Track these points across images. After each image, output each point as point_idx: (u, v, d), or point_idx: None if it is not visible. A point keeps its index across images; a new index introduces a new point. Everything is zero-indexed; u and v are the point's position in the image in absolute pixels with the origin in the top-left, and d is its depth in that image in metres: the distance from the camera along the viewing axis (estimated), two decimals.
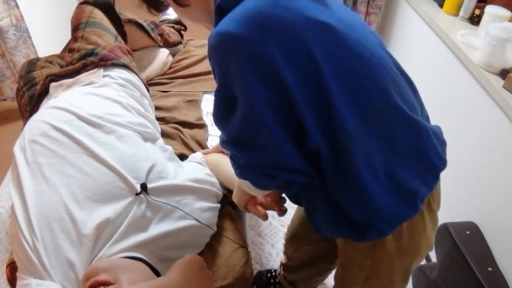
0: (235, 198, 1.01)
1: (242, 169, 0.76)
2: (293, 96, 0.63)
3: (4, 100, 2.33)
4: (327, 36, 0.64)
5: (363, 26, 0.73)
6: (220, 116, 0.71)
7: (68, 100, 1.11)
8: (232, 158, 0.77)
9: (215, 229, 1.08)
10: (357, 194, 0.72)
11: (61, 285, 0.81)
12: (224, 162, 1.18)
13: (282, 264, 1.48)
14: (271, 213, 1.87)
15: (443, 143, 0.82)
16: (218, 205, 1.12)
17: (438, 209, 0.85)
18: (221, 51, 0.63)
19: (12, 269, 1.00)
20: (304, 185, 0.76)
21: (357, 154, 0.68)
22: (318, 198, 0.78)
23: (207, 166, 1.18)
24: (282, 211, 1.02)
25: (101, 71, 1.28)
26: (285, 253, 1.40)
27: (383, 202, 0.72)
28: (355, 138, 0.67)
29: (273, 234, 1.81)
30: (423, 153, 0.76)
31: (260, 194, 0.93)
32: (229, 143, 0.73)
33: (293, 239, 1.28)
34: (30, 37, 2.21)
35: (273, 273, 1.58)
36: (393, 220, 0.76)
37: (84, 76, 1.27)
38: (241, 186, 0.92)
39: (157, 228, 0.94)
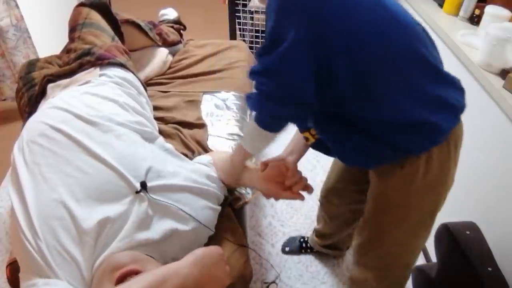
0: (225, 176, 1.12)
1: (261, 95, 0.88)
2: (331, 39, 0.78)
3: (4, 100, 2.33)
4: None
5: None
6: (265, 49, 0.84)
7: (65, 100, 1.11)
8: (254, 87, 0.89)
9: (214, 230, 1.08)
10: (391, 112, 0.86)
11: (67, 281, 0.81)
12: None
13: (315, 230, 1.63)
14: (271, 213, 1.89)
15: (461, 90, 0.95)
16: (219, 207, 1.12)
17: (459, 152, 0.97)
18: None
19: (13, 270, 1.00)
20: (330, 124, 0.92)
21: (384, 95, 0.84)
22: (346, 132, 0.92)
23: (214, 167, 1.17)
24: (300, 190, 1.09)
25: (97, 70, 1.28)
26: (318, 219, 1.57)
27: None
28: (381, 79, 0.82)
29: (273, 234, 1.81)
30: (444, 96, 0.88)
31: (259, 145, 1.02)
32: (260, 72, 0.86)
33: (325, 193, 1.41)
34: (30, 37, 2.21)
35: (306, 239, 1.74)
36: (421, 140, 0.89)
37: (81, 76, 1.27)
38: (234, 156, 1.09)
39: (158, 227, 0.94)
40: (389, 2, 0.83)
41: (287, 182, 1.07)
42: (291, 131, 1.10)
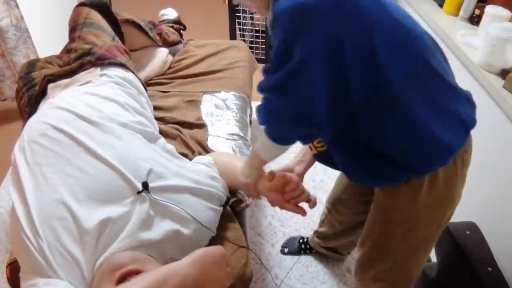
0: (246, 178, 1.09)
1: (270, 114, 0.86)
2: (346, 57, 0.73)
3: (4, 100, 2.33)
4: (378, 5, 0.75)
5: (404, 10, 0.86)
6: (273, 65, 0.80)
7: (66, 100, 1.11)
8: (262, 103, 0.87)
9: (215, 232, 1.08)
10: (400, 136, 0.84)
11: (67, 281, 0.81)
12: (235, 161, 1.19)
13: (316, 232, 1.62)
14: (271, 213, 1.89)
15: (473, 105, 0.95)
16: (220, 208, 1.11)
17: (467, 167, 0.98)
18: (294, 16, 0.73)
19: (13, 270, 1.00)
20: (339, 140, 0.88)
21: (400, 110, 0.81)
22: (355, 150, 0.89)
23: (215, 168, 1.17)
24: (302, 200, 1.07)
25: (98, 70, 1.28)
26: (323, 222, 1.54)
27: (416, 146, 0.85)
28: (399, 94, 0.79)
29: (273, 234, 1.81)
30: (456, 111, 0.88)
31: (273, 155, 1.01)
32: (268, 89, 0.83)
33: (332, 201, 1.41)
34: (30, 37, 2.21)
35: (305, 240, 1.73)
36: (428, 160, 0.88)
37: (82, 76, 1.27)
38: (251, 160, 1.06)
39: (160, 227, 0.94)
40: (396, 9, 0.79)
41: (286, 195, 1.06)
42: None
